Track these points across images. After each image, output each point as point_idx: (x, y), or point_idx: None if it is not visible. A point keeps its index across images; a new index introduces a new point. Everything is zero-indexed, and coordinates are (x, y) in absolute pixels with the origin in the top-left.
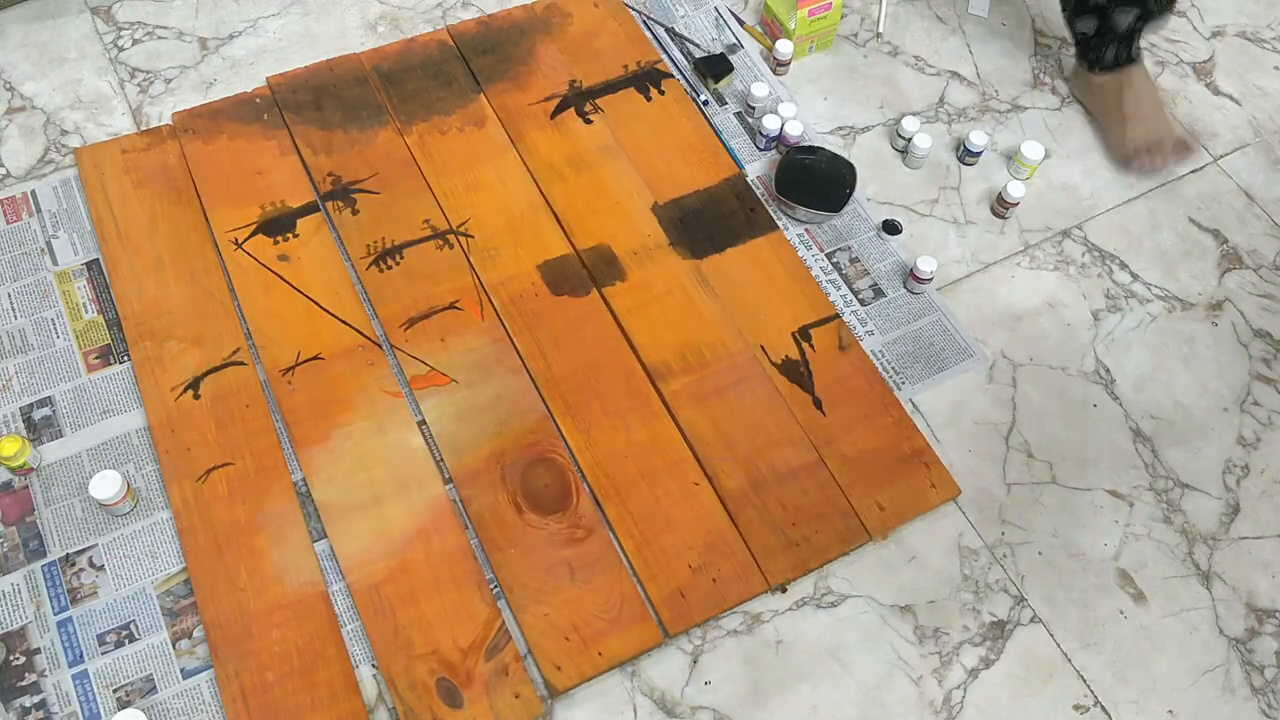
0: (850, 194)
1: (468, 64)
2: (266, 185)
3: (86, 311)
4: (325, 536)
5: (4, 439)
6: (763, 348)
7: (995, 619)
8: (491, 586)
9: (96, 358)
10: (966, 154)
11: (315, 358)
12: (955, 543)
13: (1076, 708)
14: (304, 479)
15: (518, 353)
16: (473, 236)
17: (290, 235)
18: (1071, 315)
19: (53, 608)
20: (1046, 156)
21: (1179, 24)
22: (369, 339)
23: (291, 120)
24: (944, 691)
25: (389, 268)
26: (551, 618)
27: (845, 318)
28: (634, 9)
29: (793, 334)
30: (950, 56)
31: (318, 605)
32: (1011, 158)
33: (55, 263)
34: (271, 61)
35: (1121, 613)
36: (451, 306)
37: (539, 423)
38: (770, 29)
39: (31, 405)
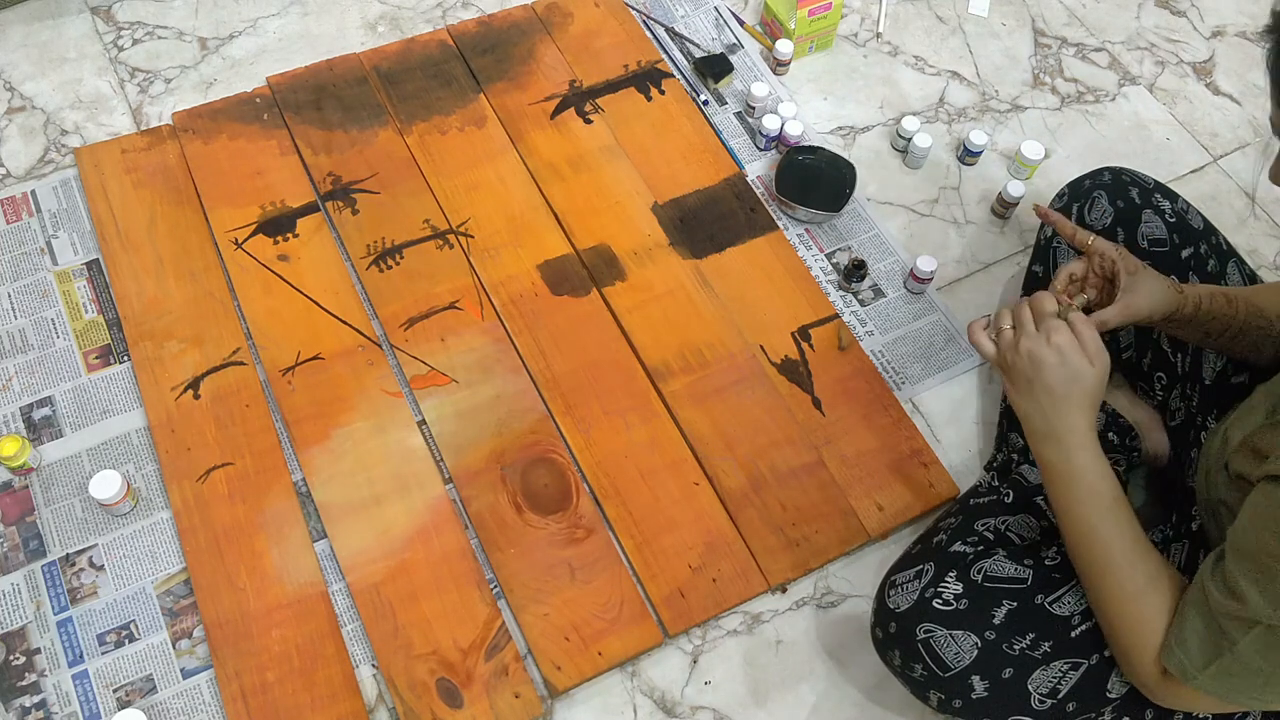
0: (850, 194)
1: (468, 64)
2: (266, 185)
3: (86, 311)
4: (325, 536)
5: (4, 439)
6: (762, 348)
7: None
8: (491, 586)
9: (96, 358)
10: (966, 154)
11: (315, 358)
12: None
13: None
14: (304, 479)
15: (518, 353)
16: (473, 236)
17: (290, 235)
18: None
19: (53, 608)
20: (1046, 156)
21: (1179, 24)
22: (369, 339)
23: (291, 120)
24: None
25: (389, 268)
26: (551, 618)
27: (845, 318)
28: (634, 9)
29: (792, 334)
30: (950, 56)
31: (318, 605)
32: (1012, 158)
33: (55, 263)
34: (271, 61)
35: None
36: (451, 306)
37: (539, 423)
38: (770, 29)
39: (31, 405)
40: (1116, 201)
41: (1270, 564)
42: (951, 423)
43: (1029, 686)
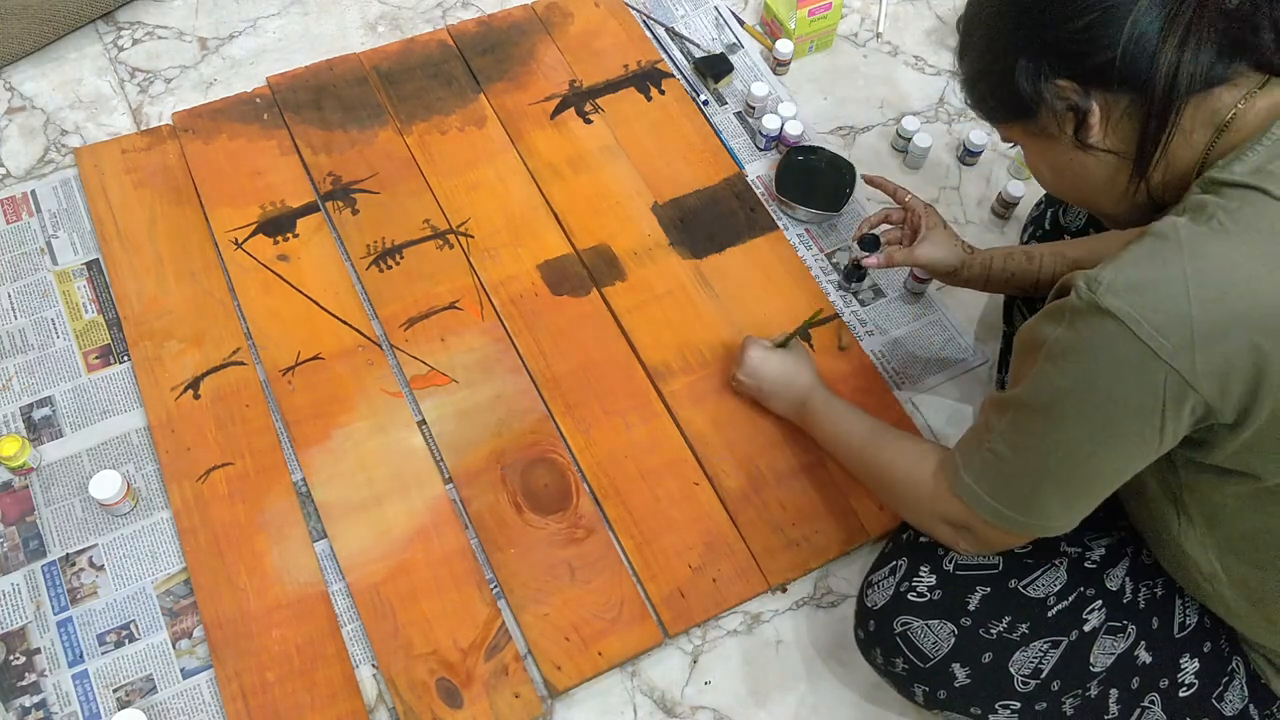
0: (850, 194)
1: (468, 64)
2: (266, 185)
3: (86, 311)
4: (325, 536)
5: (4, 439)
6: None
7: None
8: (491, 586)
9: (96, 358)
10: (966, 154)
11: (315, 358)
12: None
13: None
14: (304, 479)
15: (518, 353)
16: (473, 236)
17: (290, 235)
18: None
19: (53, 608)
20: None
21: None
22: (369, 339)
23: (291, 120)
24: None
25: (389, 268)
26: (551, 618)
27: (845, 318)
28: (634, 9)
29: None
30: (950, 56)
31: (318, 605)
32: (1011, 158)
33: (55, 263)
34: (271, 61)
35: None
36: (451, 306)
37: (539, 423)
38: (770, 29)
39: (31, 405)
40: None
41: (1020, 348)
42: (951, 423)
43: (1010, 669)
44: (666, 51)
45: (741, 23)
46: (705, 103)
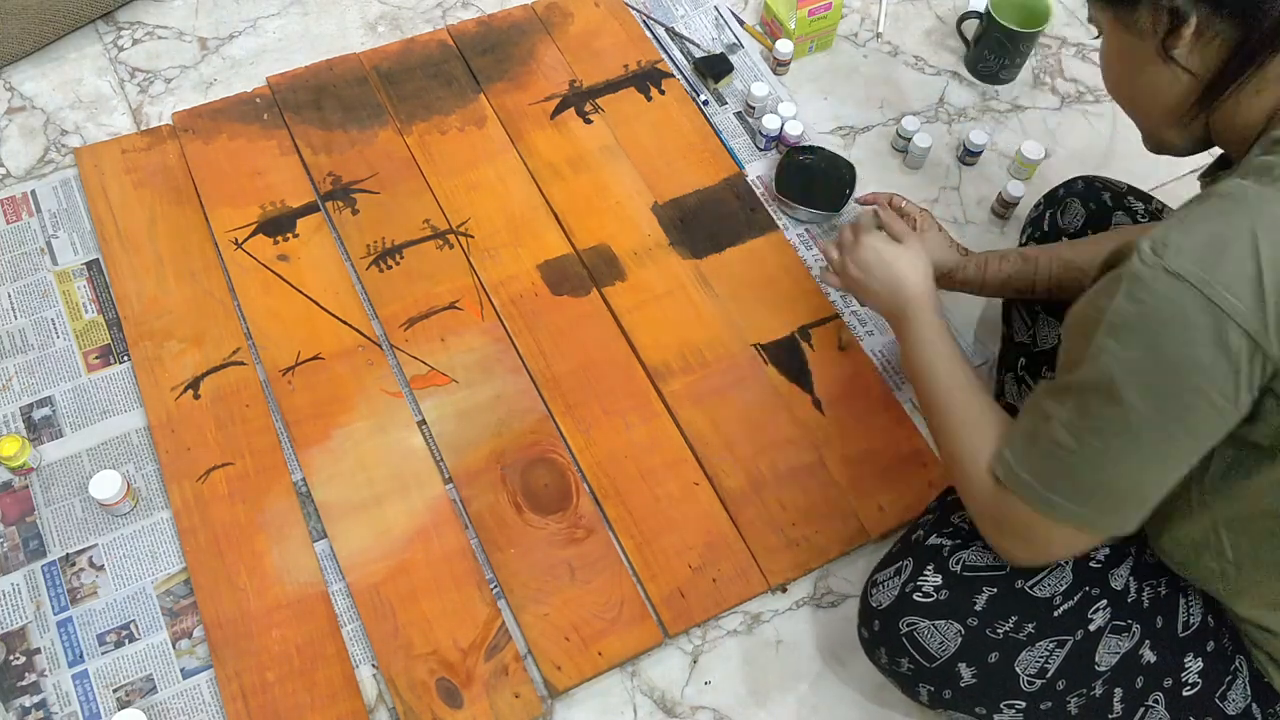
0: (850, 194)
1: (468, 64)
2: (266, 185)
3: (86, 311)
4: (325, 536)
5: (4, 439)
6: (763, 348)
7: None
8: (491, 586)
9: (96, 358)
10: (966, 154)
11: (315, 358)
12: None
13: None
14: (304, 479)
15: (518, 353)
16: (473, 236)
17: (290, 235)
18: None
19: (53, 608)
20: (1046, 156)
21: None
22: (369, 339)
23: (291, 120)
24: None
25: (389, 268)
26: (551, 618)
27: (845, 318)
28: (634, 9)
29: (792, 334)
30: (950, 56)
31: (318, 605)
32: (1011, 158)
33: (55, 263)
34: (271, 61)
35: None
36: (451, 306)
37: (539, 423)
38: (770, 29)
39: (31, 405)
40: (1089, 204)
41: (1072, 328)
42: None
43: (1016, 669)
44: (666, 51)
45: (741, 23)
46: (705, 103)
